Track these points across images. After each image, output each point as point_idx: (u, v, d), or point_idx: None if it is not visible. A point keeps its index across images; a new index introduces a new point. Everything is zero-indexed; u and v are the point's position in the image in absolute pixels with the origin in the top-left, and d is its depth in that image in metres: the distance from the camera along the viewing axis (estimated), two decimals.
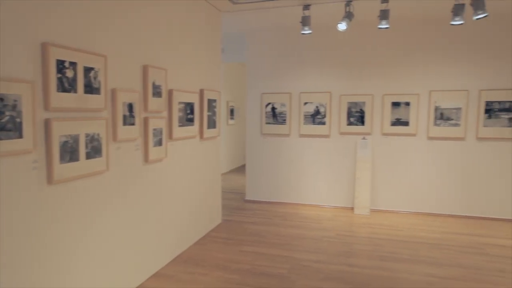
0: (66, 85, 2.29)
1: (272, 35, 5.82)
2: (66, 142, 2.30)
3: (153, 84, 3.24)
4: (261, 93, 5.93)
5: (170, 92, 3.55)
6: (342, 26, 4.03)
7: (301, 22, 4.30)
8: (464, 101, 5.10)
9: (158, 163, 3.42)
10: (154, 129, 3.28)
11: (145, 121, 3.17)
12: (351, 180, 5.65)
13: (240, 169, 9.24)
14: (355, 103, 5.51)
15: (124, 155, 2.92)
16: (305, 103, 5.71)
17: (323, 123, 5.66)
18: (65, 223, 2.36)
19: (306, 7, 4.24)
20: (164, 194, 3.53)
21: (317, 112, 5.67)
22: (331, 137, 5.69)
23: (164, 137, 3.45)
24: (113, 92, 2.74)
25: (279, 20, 5.19)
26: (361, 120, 5.50)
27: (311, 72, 5.71)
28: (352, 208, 5.64)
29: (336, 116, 5.64)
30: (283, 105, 5.81)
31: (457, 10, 3.74)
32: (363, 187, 5.43)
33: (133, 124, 2.97)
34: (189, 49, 3.96)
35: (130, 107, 2.93)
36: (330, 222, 5.03)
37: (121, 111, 2.81)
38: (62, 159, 2.27)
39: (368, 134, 5.52)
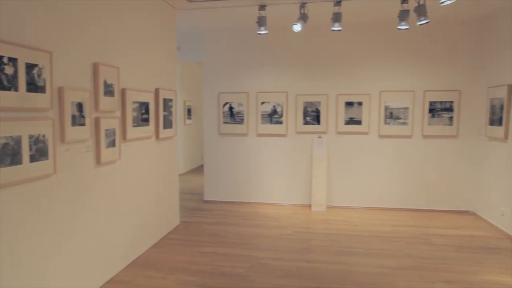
0: (5, 83, 2.12)
1: (229, 35, 5.81)
2: (6, 144, 2.13)
3: (105, 82, 3.10)
4: (218, 92, 5.90)
5: (123, 91, 3.42)
6: (297, 27, 4.11)
7: (257, 23, 4.33)
8: (411, 101, 5.43)
9: (112, 165, 3.28)
10: (107, 130, 3.14)
11: (97, 121, 3.03)
12: (308, 178, 5.79)
13: (198, 170, 9.13)
14: (311, 103, 5.65)
15: (73, 157, 2.77)
16: (262, 103, 5.77)
17: (280, 123, 5.74)
18: (7, 230, 2.18)
19: (262, 7, 4.27)
20: (117, 197, 3.40)
21: (274, 112, 5.75)
22: (288, 136, 5.79)
23: (118, 138, 3.31)
24: (60, 90, 2.59)
25: (236, 20, 5.19)
26: (317, 119, 5.66)
27: (268, 72, 5.77)
28: (309, 205, 5.78)
29: (293, 116, 5.75)
30: (240, 104, 5.82)
31: (403, 16, 3.96)
32: (319, 185, 5.58)
33: (83, 124, 2.83)
34: (143, 47, 3.84)
35: (80, 106, 2.78)
36: (288, 219, 5.11)
37: (69, 110, 2.66)
38: (2, 162, 2.11)
39: (324, 133, 5.69)
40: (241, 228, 4.74)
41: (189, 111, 9.02)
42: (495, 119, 4.73)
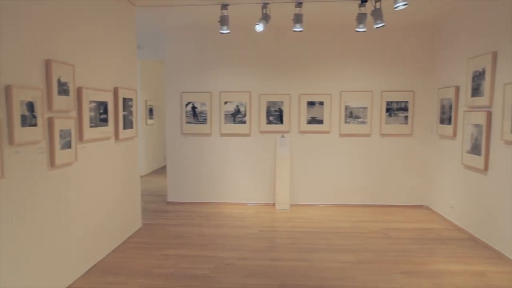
0: None
1: (192, 34, 5.73)
2: None
3: (59, 80, 2.95)
4: (181, 92, 5.81)
5: (79, 90, 3.27)
6: (259, 27, 4.14)
7: (219, 22, 4.31)
8: (369, 101, 5.64)
9: (67, 167, 3.13)
10: (61, 131, 2.99)
11: (50, 121, 2.87)
12: (272, 177, 5.85)
13: (161, 171, 8.93)
14: (274, 103, 5.71)
15: (24, 160, 2.60)
16: (226, 102, 5.75)
17: (244, 122, 5.75)
18: None
19: (224, 6, 4.26)
20: (73, 201, 3.24)
21: (237, 111, 5.75)
22: (251, 135, 5.82)
23: (74, 139, 3.16)
24: (8, 89, 2.43)
25: (198, 18, 5.13)
26: (280, 119, 5.73)
27: (231, 71, 5.76)
28: (273, 204, 5.84)
29: (256, 115, 5.78)
30: (203, 104, 5.77)
31: (360, 19, 4.11)
32: (283, 183, 5.65)
33: (34, 125, 2.67)
34: (101, 45, 3.69)
35: (31, 106, 2.62)
36: (253, 219, 5.14)
37: (18, 110, 2.50)
38: None
39: (287, 132, 5.77)
40: (206, 228, 4.70)
41: (151, 110, 8.80)
42: (445, 118, 5.02)
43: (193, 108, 5.78)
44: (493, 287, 3.16)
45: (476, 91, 4.25)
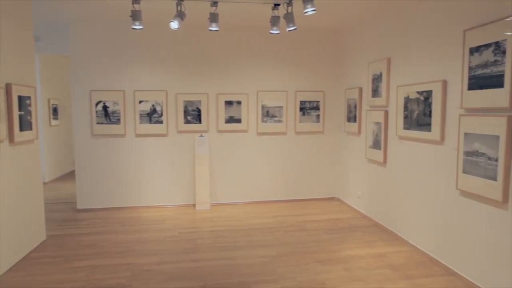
0: None
1: (102, 28, 5.33)
2: None
3: None
4: (90, 90, 5.37)
5: None
6: (174, 25, 4.03)
7: (131, 16, 4.09)
8: (284, 101, 5.90)
9: None
10: None
11: None
12: (191, 178, 5.76)
13: (69, 176, 8.17)
14: (191, 102, 5.63)
15: None
16: (141, 102, 5.49)
17: (161, 122, 5.56)
18: None
19: (136, 1, 4.04)
20: None
21: (153, 111, 5.53)
22: (169, 135, 5.65)
23: None
24: None
25: (106, 11, 4.79)
26: (198, 118, 5.66)
27: (146, 69, 5.51)
28: (194, 205, 5.76)
29: (173, 115, 5.63)
30: (116, 103, 5.42)
31: (274, 21, 4.27)
32: (202, 183, 5.61)
33: None
34: None
35: None
36: (172, 221, 5.00)
37: None
38: None
39: (205, 131, 5.73)
40: (122, 235, 4.43)
41: (55, 110, 7.98)
42: (351, 117, 5.50)
43: (105, 107, 5.40)
44: (392, 264, 3.56)
45: (375, 92, 4.74)
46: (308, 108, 5.97)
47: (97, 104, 5.38)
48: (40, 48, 5.81)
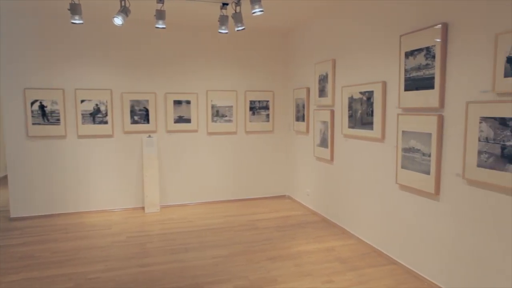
0: None
1: (37, 20, 4.94)
2: None
3: None
4: (24, 88, 4.96)
5: None
6: (118, 21, 3.86)
7: (69, 10, 3.84)
8: (234, 100, 5.90)
9: None
10: None
11: None
12: (139, 179, 5.55)
13: (0, 182, 7.48)
14: (138, 101, 5.43)
15: None
16: (83, 101, 5.18)
17: (105, 122, 5.29)
18: None
19: None
20: None
21: (97, 111, 5.25)
22: (115, 136, 5.40)
23: None
24: None
25: (46, 4, 4.46)
26: (145, 118, 5.47)
27: (88, 67, 5.21)
28: (143, 208, 5.56)
29: (119, 115, 5.39)
30: (54, 103, 5.06)
31: (222, 21, 4.25)
32: (151, 185, 5.44)
33: None
34: None
35: None
36: (120, 225, 4.79)
37: None
38: None
39: (154, 132, 5.56)
40: (63, 243, 4.15)
41: None
42: (300, 116, 5.65)
43: (42, 107, 5.02)
44: (339, 257, 3.72)
45: (322, 92, 4.91)
46: (258, 108, 6.03)
47: (32, 103, 4.98)
48: None
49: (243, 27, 4.16)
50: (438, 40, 2.92)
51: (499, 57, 2.43)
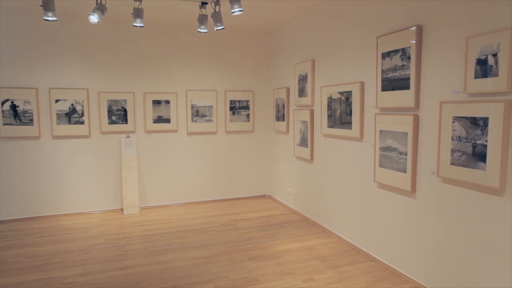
0: None
1: (7, 16, 4.77)
2: None
3: None
4: None
5: None
6: (93, 18, 3.77)
7: (42, 6, 3.72)
8: (214, 100, 5.88)
9: None
10: None
11: None
12: (118, 181, 5.45)
13: None
14: (116, 101, 5.32)
15: None
16: (57, 101, 5.03)
17: (82, 123, 5.16)
18: None
19: None
20: None
21: (73, 111, 5.11)
22: (92, 137, 5.27)
23: None
24: None
25: (16, 1, 4.30)
26: (124, 118, 5.37)
27: (63, 66, 5.06)
28: (122, 209, 5.46)
29: (96, 115, 5.27)
30: (27, 102, 4.90)
31: (201, 20, 4.22)
32: (131, 186, 5.35)
33: None
34: None
35: None
36: (98, 228, 4.68)
37: None
38: None
39: (132, 132, 5.47)
40: (38, 247, 4.03)
41: None
42: (280, 116, 5.69)
43: (13, 106, 4.84)
44: (320, 256, 3.77)
45: (301, 92, 4.96)
46: (238, 108, 6.03)
47: (3, 102, 4.80)
48: None
49: (222, 27, 4.14)
50: (413, 41, 3.01)
51: (470, 59, 2.52)
